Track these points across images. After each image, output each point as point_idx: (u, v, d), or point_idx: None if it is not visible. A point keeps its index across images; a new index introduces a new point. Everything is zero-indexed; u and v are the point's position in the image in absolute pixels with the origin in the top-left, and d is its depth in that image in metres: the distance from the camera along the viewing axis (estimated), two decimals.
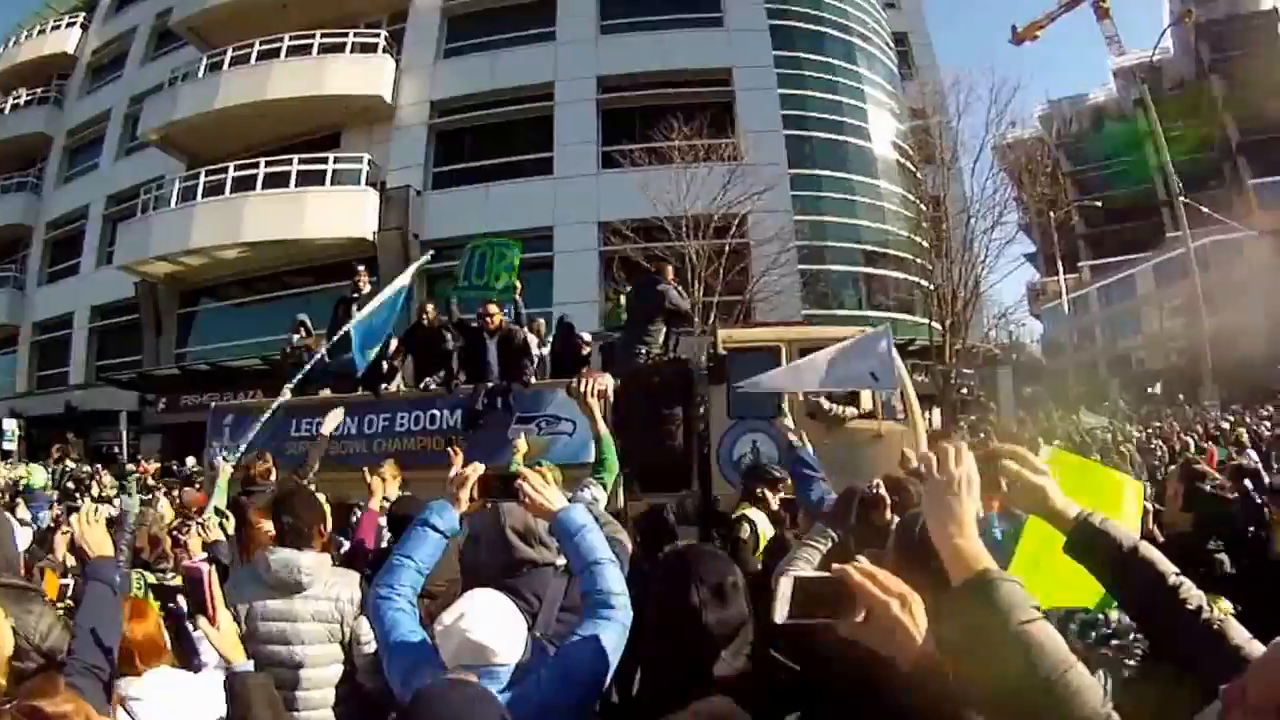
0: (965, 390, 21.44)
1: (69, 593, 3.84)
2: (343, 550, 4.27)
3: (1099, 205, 37.74)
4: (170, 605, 2.69)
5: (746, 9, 23.98)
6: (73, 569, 4.27)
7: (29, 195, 30.49)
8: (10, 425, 20.70)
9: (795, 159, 22.34)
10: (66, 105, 31.24)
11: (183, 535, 4.42)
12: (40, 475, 13.73)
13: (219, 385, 20.32)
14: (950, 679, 1.18)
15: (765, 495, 4.79)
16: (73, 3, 32.90)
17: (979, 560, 1.21)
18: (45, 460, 16.49)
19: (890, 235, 22.79)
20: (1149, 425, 18.41)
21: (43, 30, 32.76)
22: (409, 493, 4.93)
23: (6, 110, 31.61)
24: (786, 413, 4.91)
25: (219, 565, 3.77)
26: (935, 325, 20.23)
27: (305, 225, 21.93)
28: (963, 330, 20.19)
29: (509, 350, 8.13)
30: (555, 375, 8.74)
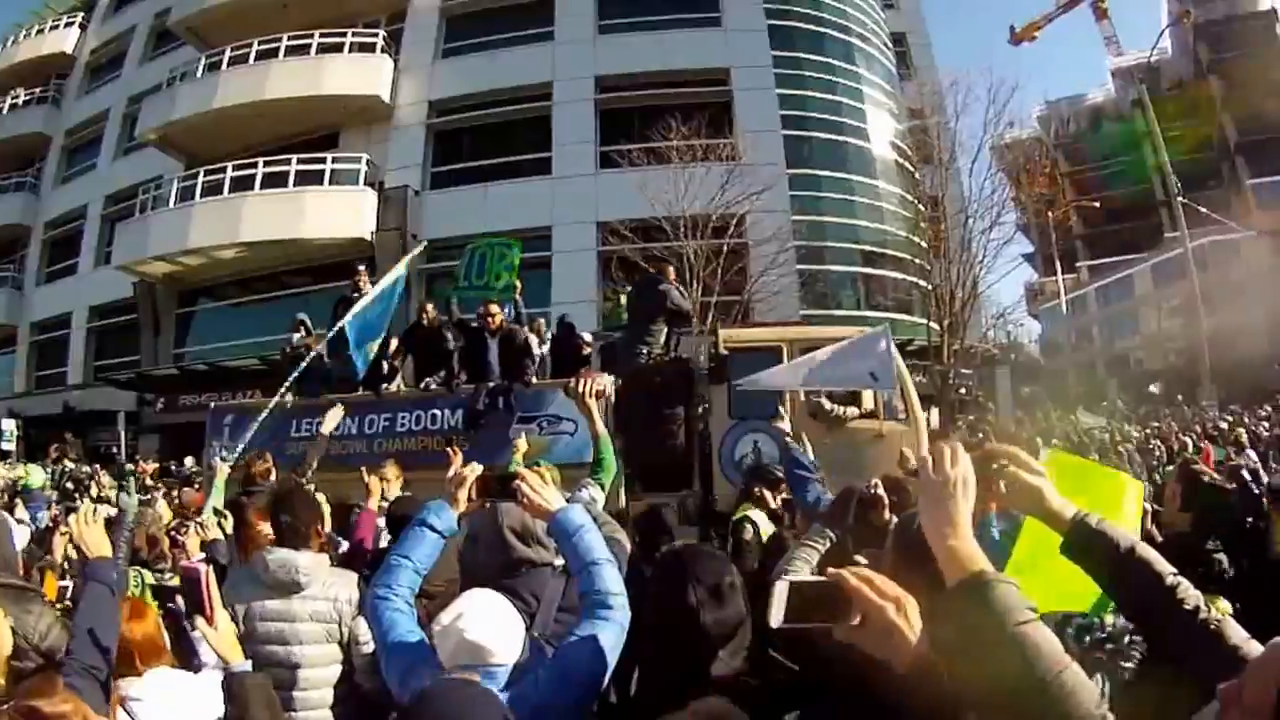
0: (963, 390, 21.45)
1: (68, 594, 3.84)
2: (340, 550, 4.27)
3: (1097, 205, 37.84)
4: (170, 605, 2.69)
5: (745, 9, 23.94)
6: (71, 570, 4.26)
7: (27, 195, 30.45)
8: (8, 425, 20.64)
9: (793, 159, 22.32)
10: (65, 105, 31.19)
11: (181, 536, 4.41)
12: (38, 475, 13.71)
13: (217, 385, 20.26)
14: (946, 680, 1.18)
15: (764, 495, 4.79)
16: (71, 2, 32.84)
17: (974, 561, 1.22)
18: (43, 460, 16.45)
19: (888, 235, 22.78)
20: (1147, 425, 18.42)
21: (41, 30, 32.70)
22: (409, 493, 4.94)
23: (5, 110, 31.54)
24: (784, 414, 4.90)
25: (217, 565, 3.77)
26: (933, 325, 20.23)
27: (303, 225, 21.91)
28: (961, 330, 20.18)
29: (510, 350, 8.13)
30: (556, 376, 8.71)
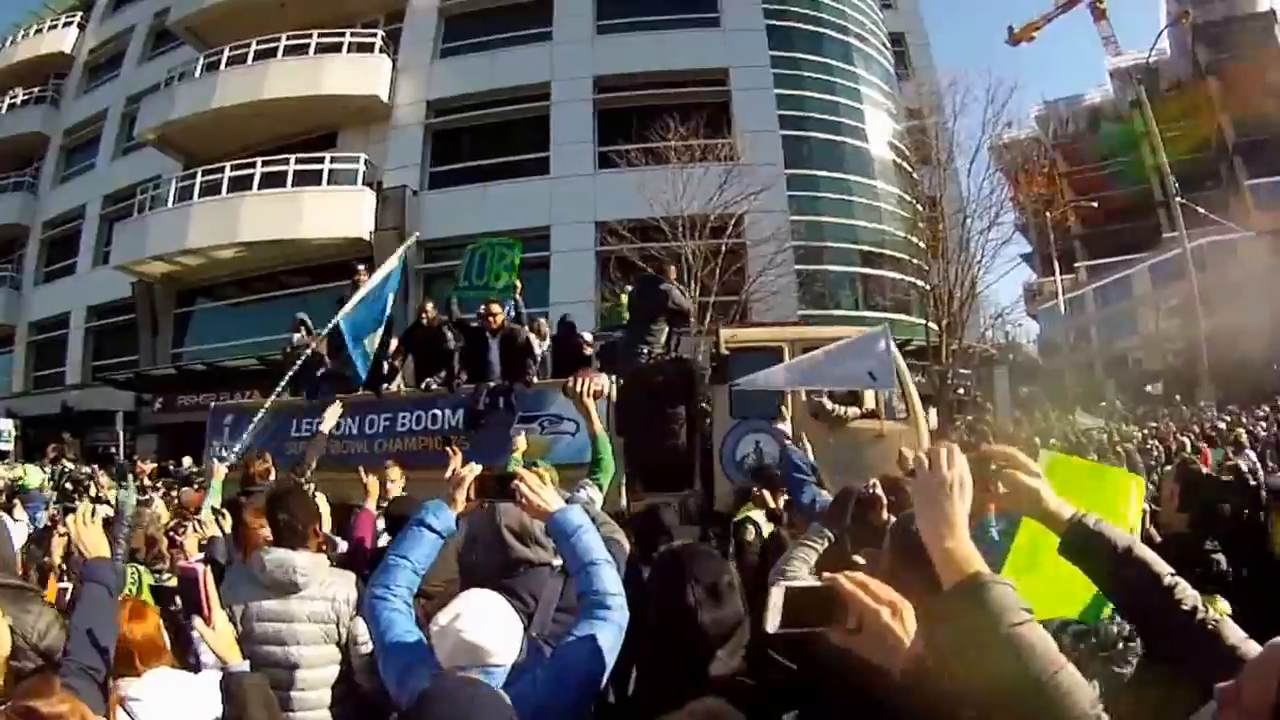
0: (961, 390, 21.45)
1: (68, 596, 3.83)
2: (339, 550, 4.27)
3: (1095, 206, 37.76)
4: (171, 607, 2.69)
5: (743, 9, 23.93)
6: (70, 572, 4.25)
7: (25, 195, 30.42)
8: (6, 425, 20.59)
9: (792, 159, 22.31)
10: (63, 105, 31.16)
11: (179, 536, 4.41)
12: (36, 475, 13.69)
13: (215, 385, 20.25)
14: (942, 683, 1.19)
15: (764, 495, 4.80)
16: (70, 2, 32.79)
17: (970, 563, 1.22)
18: (41, 460, 16.43)
19: (887, 235, 22.76)
20: (1145, 426, 18.43)
21: (40, 30, 32.67)
22: (408, 493, 4.93)
23: (3, 110, 31.52)
24: (785, 415, 4.90)
25: (215, 564, 3.76)
26: (932, 325, 20.24)
27: (302, 225, 21.89)
28: (959, 330, 20.19)
29: (512, 350, 8.13)
30: (557, 375, 8.67)
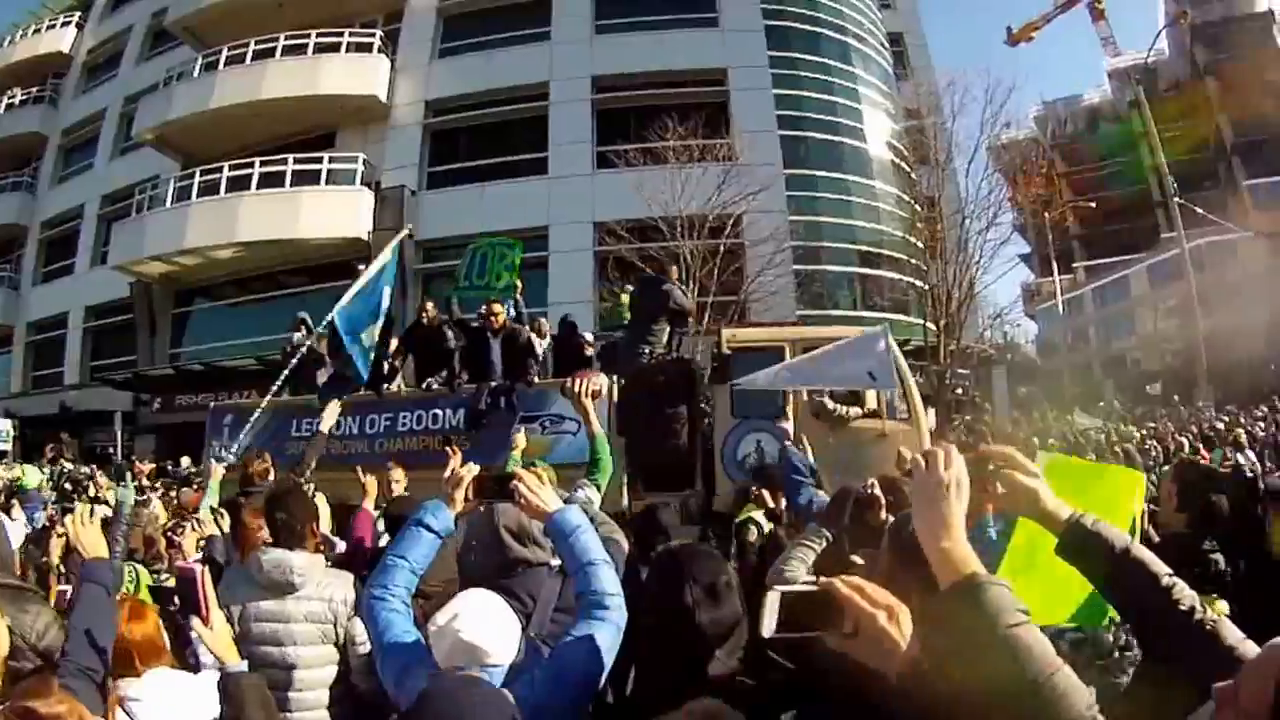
0: (960, 391, 21.46)
1: (67, 598, 3.82)
2: (337, 550, 4.27)
3: (1094, 206, 37.81)
4: (169, 607, 2.68)
5: (742, 9, 23.93)
6: (69, 573, 4.24)
7: (24, 195, 30.38)
8: (4, 425, 20.58)
9: (790, 159, 22.29)
10: (61, 105, 31.12)
11: (177, 536, 4.41)
12: (34, 476, 13.65)
13: (214, 385, 20.20)
14: (938, 685, 1.19)
15: (763, 495, 4.80)
16: (68, 2, 32.75)
17: (966, 564, 1.22)
18: (39, 461, 16.40)
19: (885, 236, 22.77)
20: (1143, 426, 18.45)
21: (38, 29, 32.61)
22: (409, 493, 4.93)
23: (1, 110, 31.47)
24: (787, 414, 4.90)
25: (214, 563, 3.76)
26: (930, 326, 20.27)
27: (300, 225, 21.86)
28: (957, 331, 20.22)
29: (513, 350, 8.13)
30: (558, 375, 8.64)
